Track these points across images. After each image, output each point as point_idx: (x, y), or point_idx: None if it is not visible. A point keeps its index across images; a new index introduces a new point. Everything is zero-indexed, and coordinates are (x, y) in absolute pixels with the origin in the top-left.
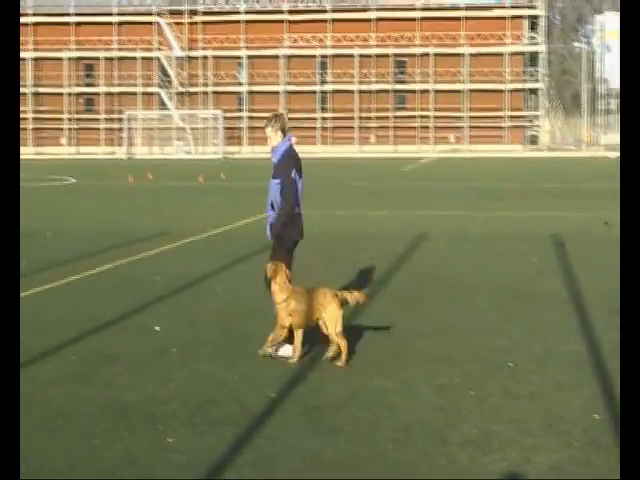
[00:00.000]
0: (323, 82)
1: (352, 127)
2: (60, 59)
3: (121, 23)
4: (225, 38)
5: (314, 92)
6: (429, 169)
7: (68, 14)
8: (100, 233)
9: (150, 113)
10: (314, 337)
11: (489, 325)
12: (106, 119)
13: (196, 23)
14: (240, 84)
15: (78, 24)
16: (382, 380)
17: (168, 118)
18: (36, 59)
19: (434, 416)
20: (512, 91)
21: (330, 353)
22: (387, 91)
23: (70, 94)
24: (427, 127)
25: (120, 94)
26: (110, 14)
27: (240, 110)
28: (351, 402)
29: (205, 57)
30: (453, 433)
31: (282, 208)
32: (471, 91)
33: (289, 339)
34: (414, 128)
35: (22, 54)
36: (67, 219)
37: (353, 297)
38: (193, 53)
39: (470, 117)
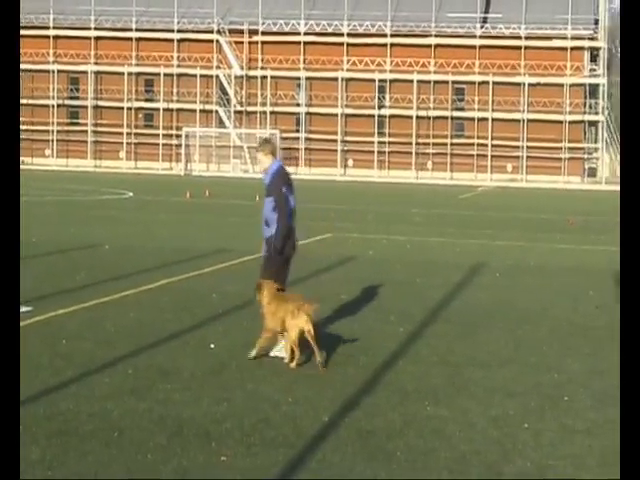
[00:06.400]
0: (381, 106)
1: (410, 152)
2: (121, 74)
3: (181, 40)
4: (284, 59)
5: (372, 116)
6: (487, 198)
7: (130, 29)
8: (158, 248)
9: (208, 130)
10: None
11: (547, 359)
12: (164, 135)
13: (256, 43)
14: (298, 105)
15: (139, 39)
16: (437, 408)
17: (226, 136)
18: (97, 73)
19: (489, 448)
20: (571, 122)
21: (319, 358)
22: (445, 118)
23: (130, 108)
24: (485, 155)
25: (179, 110)
26: (171, 31)
27: (297, 131)
28: (406, 429)
29: (264, 77)
30: (508, 466)
31: (279, 222)
32: (530, 121)
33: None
34: (471, 156)
35: (84, 67)
36: (125, 233)
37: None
38: (252, 72)
39: (528, 147)
